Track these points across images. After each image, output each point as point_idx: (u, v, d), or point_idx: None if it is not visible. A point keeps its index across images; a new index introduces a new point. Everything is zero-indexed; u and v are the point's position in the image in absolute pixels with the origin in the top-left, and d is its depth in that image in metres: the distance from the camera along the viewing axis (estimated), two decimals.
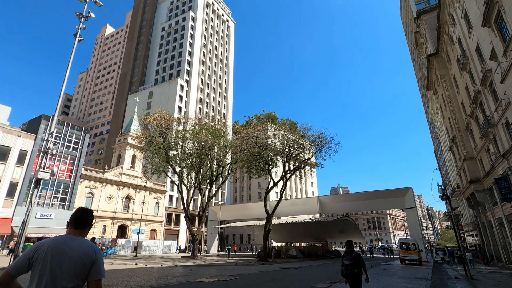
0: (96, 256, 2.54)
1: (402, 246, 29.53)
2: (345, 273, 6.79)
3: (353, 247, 7.44)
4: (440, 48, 34.30)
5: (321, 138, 30.01)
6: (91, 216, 2.84)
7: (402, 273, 18.16)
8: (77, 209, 2.86)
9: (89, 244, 2.61)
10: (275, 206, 33.07)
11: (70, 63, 20.90)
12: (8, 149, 38.03)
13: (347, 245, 7.48)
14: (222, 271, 16.75)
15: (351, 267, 6.67)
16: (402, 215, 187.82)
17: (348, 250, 7.20)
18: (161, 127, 33.04)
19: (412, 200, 40.59)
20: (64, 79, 20.79)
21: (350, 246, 7.48)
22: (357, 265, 6.71)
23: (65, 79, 20.56)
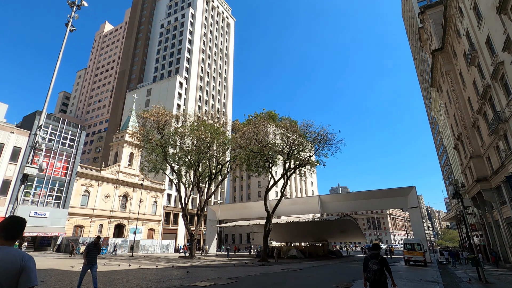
0: (25, 264, 2.42)
1: (406, 246, 28.59)
2: (373, 279, 6.18)
3: (379, 250, 6.76)
4: (445, 43, 33.33)
5: (323, 134, 29.07)
6: (24, 227, 2.71)
7: (410, 276, 17.21)
8: (9, 219, 2.67)
9: (16, 252, 2.47)
10: (276, 205, 32.12)
11: (61, 53, 19.88)
12: (1, 146, 36.98)
13: (373, 248, 6.84)
14: (220, 273, 15.80)
15: (379, 272, 6.11)
16: (402, 215, 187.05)
17: (374, 253, 6.52)
18: (158, 123, 32.02)
19: (416, 199, 39.71)
20: (54, 70, 19.73)
21: (376, 248, 6.81)
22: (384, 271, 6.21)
23: (55, 70, 19.54)
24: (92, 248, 9.58)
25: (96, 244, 9.78)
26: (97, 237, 10.04)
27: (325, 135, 29.10)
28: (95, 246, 9.72)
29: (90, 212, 45.66)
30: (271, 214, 31.22)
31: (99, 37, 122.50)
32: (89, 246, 9.62)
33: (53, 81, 18.83)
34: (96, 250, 9.70)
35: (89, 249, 9.47)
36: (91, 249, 9.53)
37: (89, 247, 9.56)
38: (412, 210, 40.70)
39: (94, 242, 9.80)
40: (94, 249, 9.63)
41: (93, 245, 9.66)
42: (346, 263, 29.92)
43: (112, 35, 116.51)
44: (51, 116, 43.06)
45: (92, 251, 9.50)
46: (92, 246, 9.61)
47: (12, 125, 41.08)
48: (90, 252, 9.42)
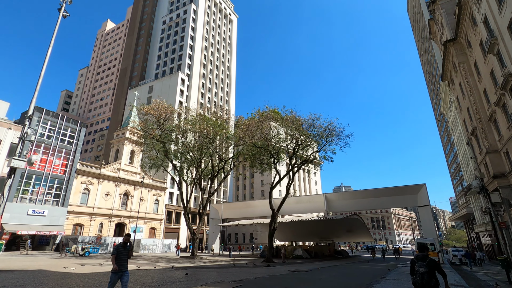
0: None
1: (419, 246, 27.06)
2: (421, 283, 5.75)
3: (427, 252, 6.57)
4: (459, 33, 31.71)
5: (331, 129, 27.64)
6: None
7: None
8: None
9: None
10: (281, 203, 30.75)
11: (53, 39, 18.67)
12: None
13: (419, 249, 6.78)
14: (222, 275, 14.49)
15: (428, 276, 5.69)
16: (407, 214, 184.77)
17: (421, 255, 6.12)
18: (159, 118, 30.78)
19: (426, 197, 38.15)
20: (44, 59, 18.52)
21: (423, 249, 6.43)
22: (434, 274, 5.80)
23: (47, 58, 18.33)
24: (121, 250, 7.34)
25: (125, 245, 7.51)
26: (126, 235, 7.66)
27: (333, 129, 27.70)
28: (124, 247, 7.44)
29: (90, 210, 44.62)
30: (276, 212, 29.86)
31: (101, 35, 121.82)
32: (118, 248, 7.38)
33: (44, 67, 17.65)
34: (126, 252, 7.45)
35: (118, 251, 7.31)
36: (121, 251, 7.33)
37: (117, 249, 7.35)
38: (423, 209, 39.13)
39: (124, 242, 7.52)
40: (124, 251, 7.38)
41: (122, 246, 7.40)
42: (355, 263, 28.52)
43: (114, 33, 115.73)
44: (49, 112, 42.01)
45: (122, 255, 7.30)
46: (121, 248, 7.36)
47: (10, 121, 40.14)
48: (120, 256, 7.28)
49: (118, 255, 7.28)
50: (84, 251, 31.67)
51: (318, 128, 27.96)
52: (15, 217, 35.71)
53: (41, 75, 17.73)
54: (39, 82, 17.65)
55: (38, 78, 17.02)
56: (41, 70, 17.89)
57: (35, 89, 17.24)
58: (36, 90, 17.46)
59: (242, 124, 31.87)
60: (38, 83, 17.74)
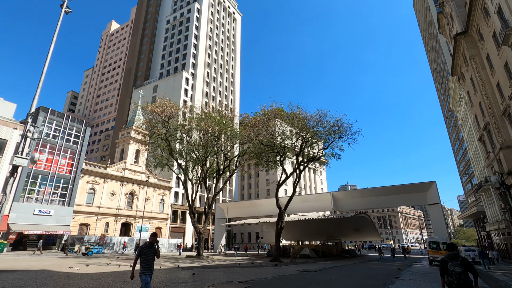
0: None
1: (431, 245, 26.37)
2: (458, 284, 5.47)
3: (457, 250, 6.10)
4: (470, 25, 30.73)
5: (339, 125, 26.94)
6: None
7: None
8: None
9: None
10: (288, 201, 30.18)
11: (55, 36, 18.39)
12: (4, 142, 36.08)
13: (449, 248, 6.15)
14: (230, 276, 14.01)
15: (465, 275, 5.41)
16: (414, 213, 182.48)
17: (453, 253, 5.82)
18: (163, 115, 30.43)
19: (436, 195, 37.25)
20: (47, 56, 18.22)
21: (453, 248, 6.11)
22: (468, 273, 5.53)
23: (49, 54, 18.02)
24: (147, 250, 6.41)
25: (152, 245, 6.57)
26: (152, 234, 6.72)
27: (341, 125, 27.00)
28: (150, 247, 6.50)
29: (96, 210, 44.58)
30: (283, 211, 29.29)
31: (106, 36, 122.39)
32: (142, 249, 6.45)
33: (47, 64, 17.37)
34: (153, 253, 6.51)
35: (142, 251, 6.38)
36: (145, 251, 6.39)
37: (142, 250, 6.42)
38: (433, 207, 38.24)
39: (150, 242, 6.58)
40: (150, 252, 6.45)
41: (147, 247, 6.45)
42: (364, 263, 27.85)
43: (118, 33, 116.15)
44: (55, 112, 42.04)
45: (148, 255, 6.40)
46: (146, 249, 6.42)
47: (16, 121, 40.22)
48: (147, 257, 6.35)
49: (143, 256, 6.39)
50: (88, 251, 31.56)
51: (326, 125, 27.34)
52: (21, 217, 35.77)
53: (44, 71, 17.44)
54: (41, 79, 17.36)
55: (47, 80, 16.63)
56: (44, 67, 17.60)
57: (37, 86, 16.96)
58: (39, 87, 17.19)
59: (248, 121, 31.32)
60: (40, 80, 17.45)
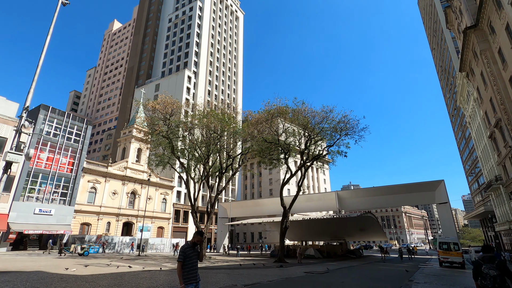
0: None
1: (442, 246, 25.41)
2: (492, 287, 5.12)
3: (493, 252, 5.73)
4: (481, 18, 29.72)
5: (345, 121, 26.08)
6: None
7: (466, 282, 14.20)
8: None
9: None
10: (293, 200, 29.37)
11: (51, 27, 17.63)
12: (4, 140, 35.53)
13: (485, 250, 5.74)
14: (234, 278, 13.24)
15: (501, 279, 5.07)
16: (418, 213, 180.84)
17: (488, 255, 5.52)
18: (165, 112, 29.72)
19: (445, 194, 36.27)
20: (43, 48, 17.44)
21: (490, 250, 5.72)
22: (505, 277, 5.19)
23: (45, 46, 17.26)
24: (190, 253, 5.31)
25: (195, 246, 5.48)
26: (198, 234, 5.54)
27: (347, 122, 26.14)
28: (193, 249, 5.41)
29: (97, 209, 44.03)
30: (288, 210, 28.48)
31: (108, 35, 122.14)
32: (185, 251, 5.29)
33: (43, 56, 16.68)
34: (196, 255, 5.43)
35: (186, 255, 5.25)
36: (189, 254, 5.28)
37: (184, 252, 5.27)
38: (441, 206, 37.27)
39: (192, 242, 5.48)
40: (193, 254, 5.36)
41: (190, 249, 5.37)
42: (372, 264, 26.97)
43: (120, 32, 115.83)
44: (56, 110, 41.53)
45: (192, 259, 5.29)
46: (189, 251, 5.32)
47: (16, 119, 39.76)
48: (190, 261, 5.26)
49: (187, 260, 5.21)
50: (84, 251, 30.49)
51: (332, 121, 26.47)
52: (21, 216, 35.25)
53: (39, 64, 16.72)
54: (37, 71, 16.65)
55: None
56: (39, 60, 16.90)
57: (33, 79, 16.24)
58: (34, 80, 16.46)
59: (251, 119, 30.49)
60: (36, 73, 16.71)
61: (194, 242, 5.43)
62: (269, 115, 28.02)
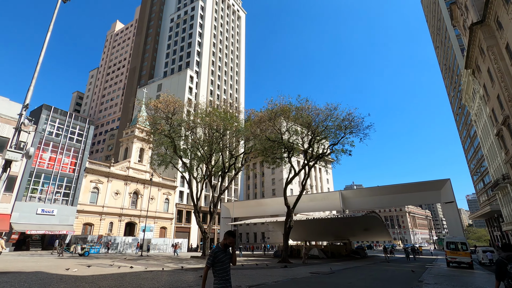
0: None
1: (449, 246, 24.87)
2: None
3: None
4: (488, 14, 29.17)
5: (350, 119, 25.62)
6: None
7: (477, 282, 13.74)
8: None
9: None
10: (297, 199, 28.98)
11: (52, 24, 17.38)
12: (6, 140, 35.40)
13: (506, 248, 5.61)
14: (238, 279, 12.88)
15: None
16: (422, 213, 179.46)
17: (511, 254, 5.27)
18: (167, 111, 29.45)
19: (451, 193, 35.69)
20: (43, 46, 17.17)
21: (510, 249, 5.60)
22: None
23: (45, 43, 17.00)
24: (222, 256, 4.59)
25: (226, 249, 4.72)
26: (229, 235, 4.70)
27: (352, 120, 25.68)
28: (225, 252, 4.67)
29: (99, 209, 43.87)
30: (291, 209, 28.08)
31: (111, 36, 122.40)
32: (216, 254, 4.58)
33: (42, 53, 16.44)
34: (228, 259, 4.70)
35: (216, 259, 4.58)
36: (221, 258, 4.58)
37: (215, 256, 4.57)
38: (447, 206, 36.69)
39: (224, 244, 4.73)
40: (225, 258, 4.63)
41: (222, 252, 4.66)
42: (377, 264, 26.49)
43: (123, 33, 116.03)
44: (58, 110, 41.44)
45: (224, 263, 4.59)
46: (221, 254, 4.62)
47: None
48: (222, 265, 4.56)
49: (218, 265, 4.53)
50: (84, 251, 30.07)
51: (336, 119, 26.01)
52: (24, 217, 35.14)
53: (39, 61, 16.49)
54: (37, 68, 16.40)
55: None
56: (39, 57, 16.66)
57: (32, 76, 15.99)
58: (34, 77, 16.21)
59: (254, 117, 30.09)
60: (36, 70, 16.46)
61: (225, 244, 4.67)
62: (272, 113, 27.61)
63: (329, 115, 25.66)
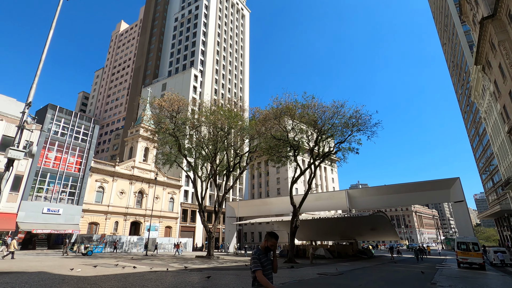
0: None
1: (460, 246, 24.22)
2: None
3: None
4: (499, 8, 28.37)
5: (357, 117, 25.07)
6: None
7: (492, 284, 13.18)
8: None
9: None
10: (303, 198, 28.53)
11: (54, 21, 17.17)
12: (12, 140, 35.60)
13: None
14: (244, 280, 12.53)
15: None
16: (429, 212, 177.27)
17: None
18: (171, 110, 29.21)
19: (461, 192, 34.89)
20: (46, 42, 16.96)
21: None
22: None
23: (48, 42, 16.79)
24: (264, 260, 4.10)
25: (268, 252, 4.24)
26: (271, 236, 4.20)
27: (359, 117, 25.14)
28: (266, 255, 4.19)
29: (105, 208, 43.92)
30: (298, 208, 27.63)
31: (115, 36, 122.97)
32: (260, 257, 4.08)
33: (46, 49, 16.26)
34: (270, 264, 4.18)
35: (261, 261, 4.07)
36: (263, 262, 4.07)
37: (260, 259, 4.07)
38: (457, 205, 35.90)
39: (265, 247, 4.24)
40: (267, 261, 4.13)
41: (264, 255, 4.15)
42: (386, 265, 25.93)
43: (127, 33, 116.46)
44: (63, 110, 41.54)
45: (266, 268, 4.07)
46: (263, 258, 4.11)
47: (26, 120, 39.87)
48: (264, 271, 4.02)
49: (257, 260, 4.04)
50: (87, 250, 29.94)
51: (342, 117, 25.48)
52: (30, 216, 35.26)
53: (42, 58, 16.31)
54: (39, 66, 16.22)
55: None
56: (42, 54, 16.46)
57: (35, 74, 15.80)
58: (37, 75, 15.99)
59: (259, 116, 29.67)
60: (38, 68, 16.27)
61: (267, 247, 4.16)
62: (278, 111, 27.12)
63: (335, 113, 25.16)
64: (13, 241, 23.33)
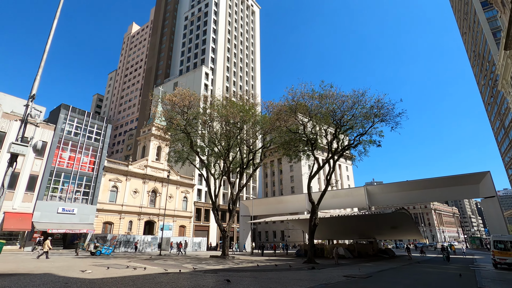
0: None
1: (497, 245, 22.14)
2: None
3: None
4: None
5: (379, 106, 23.29)
6: None
7: None
8: None
9: None
10: (321, 195, 27.00)
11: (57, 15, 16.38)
12: (25, 140, 35.70)
13: None
14: (263, 284, 11.28)
15: None
16: (449, 210, 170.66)
17: None
18: (182, 105, 28.30)
19: (491, 187, 32.44)
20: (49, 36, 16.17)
21: None
22: None
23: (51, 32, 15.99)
24: None
25: None
26: None
27: (381, 107, 23.36)
28: None
29: (119, 208, 43.71)
30: (316, 206, 26.12)
31: (127, 38, 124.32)
32: None
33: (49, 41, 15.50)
34: None
35: None
36: None
37: None
38: (487, 201, 33.42)
39: None
40: None
41: None
42: (413, 265, 24.10)
43: (139, 35, 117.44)
44: (76, 110, 41.51)
45: None
46: None
47: (35, 120, 40.04)
48: None
49: None
50: (96, 250, 28.93)
51: (363, 107, 23.73)
52: (45, 216, 35.28)
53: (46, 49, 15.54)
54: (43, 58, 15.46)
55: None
56: (46, 45, 15.70)
57: (39, 66, 15.00)
58: (41, 67, 15.21)
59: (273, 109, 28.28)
60: (42, 59, 15.50)
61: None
62: (294, 102, 25.51)
63: (356, 102, 23.42)
64: (46, 241, 23.23)
